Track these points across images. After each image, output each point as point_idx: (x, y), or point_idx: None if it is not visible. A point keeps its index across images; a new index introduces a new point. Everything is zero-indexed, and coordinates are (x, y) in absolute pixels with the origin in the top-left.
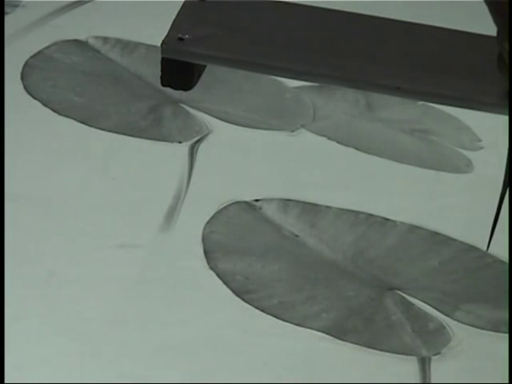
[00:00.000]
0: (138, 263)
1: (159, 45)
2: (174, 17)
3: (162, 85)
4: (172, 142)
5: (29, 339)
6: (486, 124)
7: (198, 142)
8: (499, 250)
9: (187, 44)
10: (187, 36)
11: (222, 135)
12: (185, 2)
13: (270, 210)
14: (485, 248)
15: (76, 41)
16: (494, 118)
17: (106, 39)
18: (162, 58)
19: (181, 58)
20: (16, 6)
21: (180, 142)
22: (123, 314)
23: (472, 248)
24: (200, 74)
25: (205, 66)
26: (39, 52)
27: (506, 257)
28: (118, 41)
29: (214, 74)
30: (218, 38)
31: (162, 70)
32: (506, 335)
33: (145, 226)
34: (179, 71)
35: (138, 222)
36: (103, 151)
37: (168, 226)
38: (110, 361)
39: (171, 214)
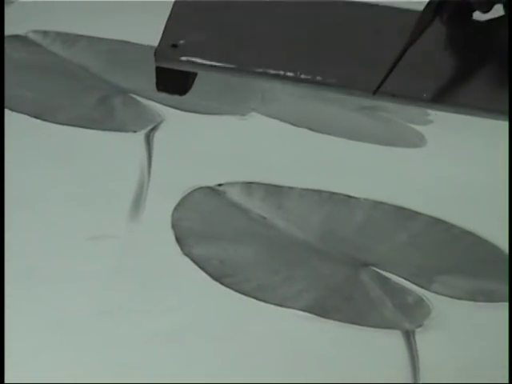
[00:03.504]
0: (113, 254)
1: (100, 36)
2: (111, 8)
3: (158, 90)
4: (127, 131)
5: (19, 336)
6: None
7: (153, 130)
8: (465, 221)
9: (181, 51)
10: (181, 42)
11: (176, 122)
12: (175, 3)
13: (234, 194)
14: (451, 220)
15: (16, 36)
16: None
17: (45, 33)
18: (157, 66)
19: (176, 67)
20: None
21: (135, 132)
22: (107, 305)
23: (439, 221)
24: (195, 77)
25: None
26: None
27: (473, 228)
28: (58, 34)
29: None
30: (213, 45)
31: (156, 77)
32: (484, 304)
33: (113, 217)
34: (174, 77)
35: (106, 213)
36: (61, 145)
37: (136, 215)
38: (100, 351)
39: (137, 203)
